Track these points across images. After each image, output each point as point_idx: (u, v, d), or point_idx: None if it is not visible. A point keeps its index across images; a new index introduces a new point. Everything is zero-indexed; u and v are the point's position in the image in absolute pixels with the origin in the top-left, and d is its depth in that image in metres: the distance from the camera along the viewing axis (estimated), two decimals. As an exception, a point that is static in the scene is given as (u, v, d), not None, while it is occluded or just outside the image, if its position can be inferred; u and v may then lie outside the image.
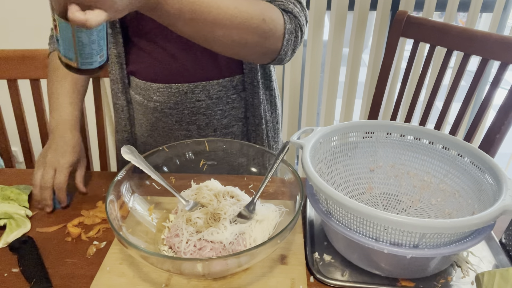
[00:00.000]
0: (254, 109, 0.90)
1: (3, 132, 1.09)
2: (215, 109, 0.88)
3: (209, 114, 0.88)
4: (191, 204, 0.66)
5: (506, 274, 0.48)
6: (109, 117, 1.73)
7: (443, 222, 0.48)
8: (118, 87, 0.89)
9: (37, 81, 1.05)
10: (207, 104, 0.87)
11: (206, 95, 0.86)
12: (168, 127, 0.89)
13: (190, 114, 0.87)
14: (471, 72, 1.05)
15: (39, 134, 1.11)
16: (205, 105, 0.87)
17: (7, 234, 0.66)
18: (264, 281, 0.58)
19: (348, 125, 0.73)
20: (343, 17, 1.63)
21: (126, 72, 0.88)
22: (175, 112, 0.87)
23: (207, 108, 0.87)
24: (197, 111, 0.87)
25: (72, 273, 0.60)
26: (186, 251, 0.59)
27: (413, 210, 0.72)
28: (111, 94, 0.92)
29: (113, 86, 0.90)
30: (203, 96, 0.86)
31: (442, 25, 1.05)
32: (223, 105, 0.88)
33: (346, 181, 0.74)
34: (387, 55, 1.15)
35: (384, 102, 1.21)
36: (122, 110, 0.91)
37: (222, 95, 0.87)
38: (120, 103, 0.91)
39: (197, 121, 0.88)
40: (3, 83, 1.05)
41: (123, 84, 0.89)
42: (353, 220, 0.54)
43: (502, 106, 0.96)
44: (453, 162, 0.69)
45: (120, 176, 0.64)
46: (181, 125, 0.89)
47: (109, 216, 0.56)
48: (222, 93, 0.87)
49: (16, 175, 0.84)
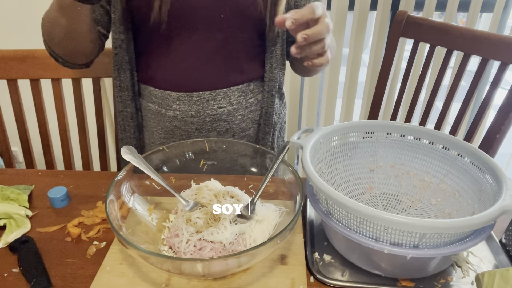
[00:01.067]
0: (268, 117, 0.92)
1: (3, 132, 1.09)
2: (235, 115, 0.89)
3: (230, 120, 0.89)
4: (191, 204, 0.66)
5: (506, 274, 0.48)
6: (109, 117, 1.73)
7: (443, 222, 0.48)
8: (128, 95, 0.88)
9: (37, 81, 1.05)
10: (228, 110, 0.87)
11: (227, 102, 0.87)
12: (187, 134, 0.89)
13: (211, 121, 0.87)
14: (471, 72, 1.05)
15: (39, 134, 1.11)
16: (226, 111, 0.87)
17: (7, 234, 0.66)
18: (264, 281, 0.58)
19: (348, 125, 0.73)
20: (343, 17, 1.63)
21: (137, 79, 0.88)
22: (196, 120, 0.87)
23: (228, 114, 0.88)
24: (219, 118, 0.87)
25: (72, 273, 0.60)
26: (186, 251, 0.59)
27: (413, 210, 0.72)
28: (116, 101, 0.90)
29: (120, 93, 0.88)
30: (224, 102, 0.86)
31: (442, 25, 1.05)
32: (243, 110, 0.89)
33: (346, 181, 0.74)
34: (387, 55, 1.15)
35: (384, 102, 1.21)
36: (131, 117, 0.90)
37: (242, 100, 0.88)
38: (130, 110, 0.89)
39: (218, 127, 0.88)
40: (3, 83, 1.05)
41: (133, 92, 0.88)
42: (353, 220, 0.54)
43: (502, 106, 0.96)
44: (453, 162, 0.69)
45: (120, 176, 0.64)
46: (201, 132, 0.89)
47: (109, 216, 0.56)
48: (241, 98, 0.88)
49: (16, 175, 0.84)
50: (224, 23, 0.80)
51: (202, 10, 0.78)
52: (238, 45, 0.84)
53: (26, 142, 1.11)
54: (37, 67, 1.03)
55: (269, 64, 0.88)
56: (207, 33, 0.81)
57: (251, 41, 0.86)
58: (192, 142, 0.75)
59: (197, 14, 0.79)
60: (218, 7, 0.79)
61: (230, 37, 0.82)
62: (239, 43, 0.84)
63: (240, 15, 0.80)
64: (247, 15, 0.81)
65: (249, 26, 0.83)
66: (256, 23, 0.83)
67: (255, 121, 0.93)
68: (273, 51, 0.87)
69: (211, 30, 0.81)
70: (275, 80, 0.89)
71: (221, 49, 0.83)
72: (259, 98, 0.91)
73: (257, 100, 0.91)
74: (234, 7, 0.79)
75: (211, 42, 0.82)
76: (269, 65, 0.88)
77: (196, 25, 0.80)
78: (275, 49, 0.87)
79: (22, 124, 1.09)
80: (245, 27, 0.83)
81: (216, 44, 0.82)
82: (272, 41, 0.86)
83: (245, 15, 0.81)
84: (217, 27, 0.81)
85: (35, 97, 1.07)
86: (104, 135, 1.13)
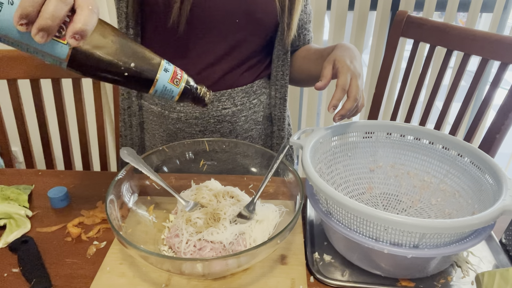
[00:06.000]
0: (280, 123, 0.94)
1: (3, 132, 1.09)
2: (239, 116, 0.89)
3: (233, 121, 0.89)
4: (191, 204, 0.66)
5: (506, 274, 0.48)
6: (109, 117, 1.73)
7: (443, 222, 0.48)
8: (134, 91, 0.88)
9: (37, 81, 1.05)
10: (232, 112, 0.87)
11: (231, 103, 0.87)
12: (190, 136, 0.89)
13: (215, 122, 0.87)
14: (471, 72, 1.05)
15: (39, 134, 1.11)
16: (230, 113, 0.87)
17: (7, 234, 0.66)
18: (264, 281, 0.58)
19: (348, 125, 0.73)
20: (343, 17, 1.63)
21: None
22: (200, 121, 0.87)
23: (233, 116, 0.88)
24: (223, 119, 0.87)
25: (72, 273, 0.60)
26: (186, 251, 0.59)
27: (413, 210, 0.72)
28: (122, 98, 0.90)
29: (127, 90, 0.89)
30: (228, 103, 0.86)
31: (442, 25, 1.05)
32: (246, 111, 0.90)
33: (346, 181, 0.74)
34: (387, 55, 1.15)
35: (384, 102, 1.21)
36: (134, 115, 0.90)
37: (245, 101, 0.88)
38: (133, 108, 0.90)
39: (222, 129, 0.88)
40: (3, 83, 1.05)
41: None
42: (353, 220, 0.54)
43: (502, 106, 0.96)
44: (453, 162, 0.69)
45: (120, 176, 0.64)
46: (205, 134, 0.89)
47: (109, 216, 0.56)
48: (245, 99, 0.88)
49: (16, 175, 0.84)
50: (238, 28, 0.81)
51: (218, 15, 0.78)
52: (248, 48, 0.85)
53: (26, 142, 1.11)
54: (37, 67, 1.03)
55: (276, 66, 0.89)
56: (219, 37, 0.81)
57: (261, 44, 0.86)
58: (192, 142, 0.75)
59: (212, 18, 0.79)
60: (235, 12, 0.79)
61: (242, 40, 0.83)
62: (249, 46, 0.85)
63: (255, 20, 0.81)
64: (263, 21, 0.82)
65: (262, 31, 0.84)
66: (269, 29, 0.84)
67: (258, 122, 0.93)
68: (280, 54, 0.88)
69: (224, 34, 0.81)
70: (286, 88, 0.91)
71: (231, 51, 0.83)
72: (262, 99, 0.92)
73: (260, 101, 0.91)
74: (251, 13, 0.79)
75: (222, 45, 0.82)
76: (275, 67, 0.89)
77: (209, 28, 0.80)
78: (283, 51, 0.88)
79: (22, 124, 1.09)
80: (258, 32, 0.83)
81: (227, 47, 0.83)
82: (282, 44, 0.86)
83: (260, 21, 0.81)
84: (230, 31, 0.81)
85: (35, 97, 1.07)
86: (104, 135, 1.13)
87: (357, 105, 0.67)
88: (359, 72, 0.68)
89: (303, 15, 0.89)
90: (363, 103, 0.69)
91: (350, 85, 0.66)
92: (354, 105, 0.66)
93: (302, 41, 0.93)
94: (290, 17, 0.82)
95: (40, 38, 0.40)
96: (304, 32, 0.92)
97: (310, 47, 0.92)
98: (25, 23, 0.39)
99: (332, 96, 0.65)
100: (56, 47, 0.43)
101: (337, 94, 0.65)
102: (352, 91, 0.65)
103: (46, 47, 0.43)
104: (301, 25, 0.91)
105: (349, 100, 0.65)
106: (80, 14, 0.41)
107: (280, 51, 0.87)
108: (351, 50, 0.72)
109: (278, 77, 0.90)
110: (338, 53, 0.71)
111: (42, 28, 0.39)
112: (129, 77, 0.49)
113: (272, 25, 0.83)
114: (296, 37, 0.90)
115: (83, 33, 0.41)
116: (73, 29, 0.41)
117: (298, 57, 0.92)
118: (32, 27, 0.40)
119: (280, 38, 0.85)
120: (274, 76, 0.90)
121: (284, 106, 0.93)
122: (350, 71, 0.67)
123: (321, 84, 0.66)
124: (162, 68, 0.51)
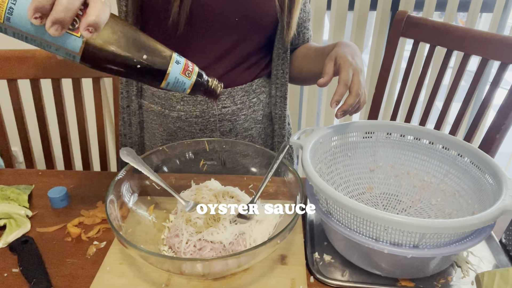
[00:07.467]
0: (281, 121, 0.94)
1: (3, 132, 1.09)
2: (239, 114, 0.89)
3: (233, 120, 0.89)
4: (191, 204, 0.66)
5: (506, 274, 0.48)
6: (109, 117, 1.73)
7: (443, 222, 0.48)
8: (133, 90, 0.88)
9: (37, 81, 1.05)
10: (232, 110, 0.88)
11: (231, 101, 0.87)
12: (191, 135, 0.89)
13: (215, 121, 0.88)
14: (471, 72, 1.05)
15: (39, 134, 1.11)
16: (230, 111, 0.87)
17: (7, 234, 0.66)
18: (264, 281, 0.58)
19: (348, 125, 0.73)
20: (343, 17, 1.63)
21: None
22: (200, 120, 0.87)
23: (233, 114, 0.88)
24: (223, 118, 0.88)
25: (72, 273, 0.60)
26: (186, 251, 0.59)
27: (413, 210, 0.72)
28: (122, 96, 0.90)
29: (126, 89, 0.89)
30: (228, 102, 0.87)
31: (442, 25, 1.05)
32: (246, 110, 0.90)
33: (346, 181, 0.74)
34: (387, 55, 1.15)
35: (384, 102, 1.21)
36: (134, 114, 0.90)
37: (245, 100, 0.89)
38: (133, 107, 0.90)
39: (222, 127, 0.89)
40: (3, 83, 1.05)
41: (137, 88, 0.88)
42: (353, 220, 0.54)
43: (502, 106, 0.96)
44: (453, 162, 0.69)
45: (120, 176, 0.64)
46: (205, 133, 0.89)
47: (109, 216, 0.56)
48: (245, 98, 0.88)
49: (16, 175, 0.84)
50: (238, 26, 0.81)
51: (218, 13, 0.78)
52: (248, 47, 0.85)
53: (26, 142, 1.11)
54: (37, 67, 1.03)
55: (276, 64, 0.89)
56: (219, 35, 0.81)
57: (260, 43, 0.86)
58: (192, 142, 0.75)
59: (212, 17, 0.79)
60: (234, 11, 0.79)
61: (242, 39, 0.83)
62: (249, 45, 0.85)
63: (255, 19, 0.81)
64: (262, 20, 0.82)
65: (261, 30, 0.84)
66: (269, 28, 0.84)
67: (257, 121, 0.93)
68: (280, 53, 0.88)
69: (223, 33, 0.81)
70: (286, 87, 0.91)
71: (231, 50, 0.83)
72: (262, 97, 0.92)
73: (259, 99, 0.91)
74: (250, 12, 0.80)
75: (222, 44, 0.82)
76: (275, 65, 0.89)
77: (209, 27, 0.80)
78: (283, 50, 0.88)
79: (22, 124, 1.09)
80: (258, 31, 0.83)
81: (227, 46, 0.83)
82: (281, 43, 0.86)
83: (259, 20, 0.81)
84: (230, 30, 0.81)
85: (35, 97, 1.07)
86: (104, 135, 1.13)
87: (359, 100, 0.67)
88: (360, 68, 0.68)
89: (302, 14, 0.90)
90: (365, 99, 0.69)
91: (352, 80, 0.66)
92: (356, 101, 0.66)
93: (302, 39, 0.94)
94: (290, 16, 0.82)
95: (55, 31, 0.40)
96: (304, 31, 0.93)
97: (310, 45, 0.92)
98: (39, 16, 0.40)
99: (335, 92, 0.65)
100: (70, 40, 0.44)
101: (339, 90, 0.65)
102: (354, 86, 0.66)
103: (59, 41, 0.43)
104: (301, 23, 0.91)
105: (351, 95, 0.65)
106: (93, 7, 0.42)
107: (280, 49, 0.87)
108: (352, 47, 0.72)
109: (278, 75, 0.90)
110: (340, 50, 0.71)
111: (56, 21, 0.40)
112: (141, 69, 0.49)
113: (271, 24, 0.83)
114: (296, 35, 0.91)
115: (96, 25, 0.42)
116: (87, 21, 0.41)
117: (298, 56, 0.93)
118: (46, 20, 0.40)
119: (279, 37, 0.85)
120: (274, 74, 0.90)
121: (284, 104, 0.93)
122: (352, 67, 0.67)
123: (324, 81, 0.66)
124: (174, 60, 0.51)
